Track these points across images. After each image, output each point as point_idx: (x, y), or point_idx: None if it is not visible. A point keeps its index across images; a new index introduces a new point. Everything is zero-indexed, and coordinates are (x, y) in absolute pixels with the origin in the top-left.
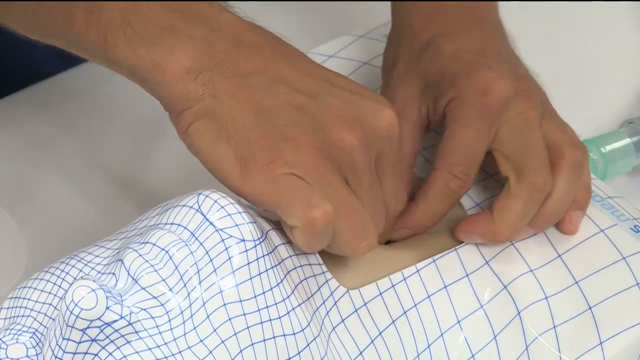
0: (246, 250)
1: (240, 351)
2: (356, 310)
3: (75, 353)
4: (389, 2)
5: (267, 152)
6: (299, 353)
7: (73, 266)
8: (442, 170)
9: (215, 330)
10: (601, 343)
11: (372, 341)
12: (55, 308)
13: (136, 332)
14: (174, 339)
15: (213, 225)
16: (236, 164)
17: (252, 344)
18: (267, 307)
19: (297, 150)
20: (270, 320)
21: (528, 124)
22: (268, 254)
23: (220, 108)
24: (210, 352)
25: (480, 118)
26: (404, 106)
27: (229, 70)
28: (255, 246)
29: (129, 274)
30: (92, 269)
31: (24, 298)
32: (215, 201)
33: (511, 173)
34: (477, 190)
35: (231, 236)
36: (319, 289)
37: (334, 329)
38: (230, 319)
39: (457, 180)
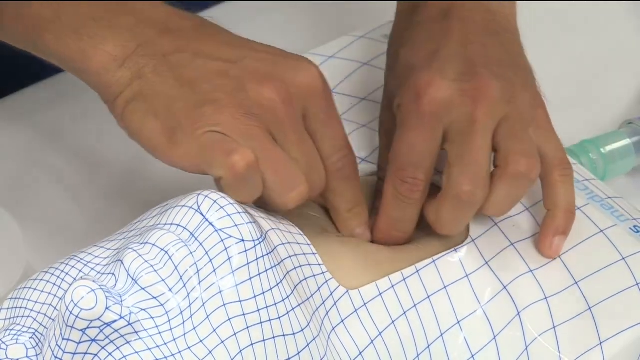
0: (246, 251)
1: (240, 351)
2: (356, 311)
3: (75, 353)
4: (388, 3)
5: (191, 117)
6: (298, 353)
7: (73, 267)
8: (390, 176)
9: (214, 330)
10: (601, 343)
11: (372, 341)
12: (55, 308)
13: (136, 332)
14: (174, 339)
15: (213, 226)
16: (164, 135)
17: (252, 344)
18: (266, 307)
19: (219, 110)
20: (270, 320)
21: (471, 127)
22: (267, 254)
23: (146, 86)
24: (210, 352)
25: (418, 122)
26: (389, 125)
27: (154, 52)
28: (255, 246)
29: (128, 274)
30: (92, 269)
31: (23, 299)
32: (215, 201)
33: (445, 178)
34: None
35: (231, 236)
36: (319, 289)
37: (333, 329)
38: (229, 319)
39: (405, 185)
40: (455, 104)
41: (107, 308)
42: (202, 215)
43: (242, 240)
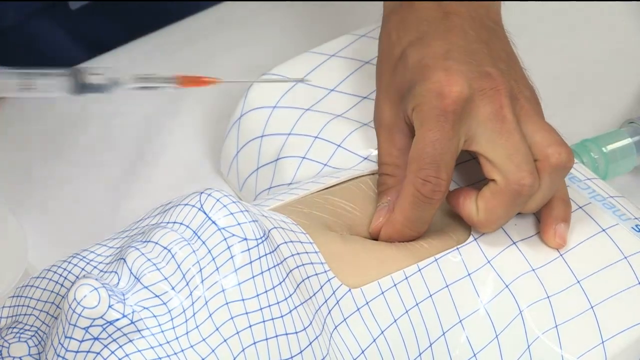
0: (248, 249)
1: (243, 350)
2: (358, 309)
3: (77, 351)
4: None
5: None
6: (301, 352)
7: (75, 265)
8: (411, 176)
9: (217, 329)
10: (603, 342)
11: (374, 340)
12: (57, 307)
13: (138, 330)
14: (176, 338)
15: (215, 224)
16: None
17: (254, 343)
18: (269, 305)
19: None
20: (273, 319)
21: (504, 125)
22: (270, 253)
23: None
24: (213, 350)
25: (441, 120)
26: (391, 119)
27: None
28: (258, 245)
29: (131, 272)
30: (95, 267)
31: (26, 297)
32: (218, 200)
33: (497, 176)
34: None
35: (233, 235)
36: (321, 287)
37: (335, 327)
38: (232, 318)
39: (428, 184)
40: (476, 103)
41: (109, 306)
42: (205, 213)
43: (245, 239)
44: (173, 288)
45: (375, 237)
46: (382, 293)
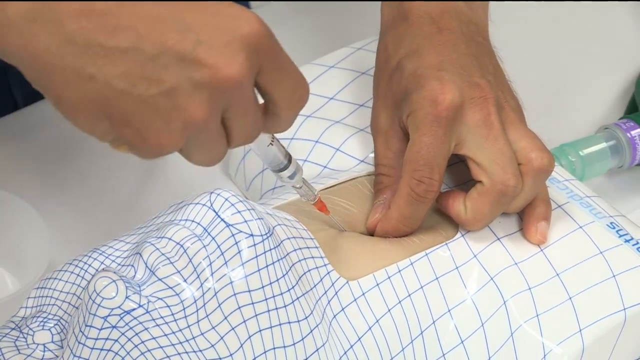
0: (254, 245)
1: (249, 337)
2: (355, 300)
3: (96, 339)
4: None
5: None
6: (302, 339)
7: (95, 259)
8: (406, 176)
9: (225, 317)
10: (581, 330)
11: (370, 328)
12: (78, 297)
13: (153, 319)
14: (188, 326)
15: (224, 222)
16: None
17: (260, 331)
18: (273, 296)
19: None
20: (277, 308)
21: (491, 131)
22: (274, 248)
23: None
24: (222, 337)
25: (434, 126)
26: (386, 124)
27: None
28: (263, 241)
29: (146, 266)
30: (113, 261)
31: (49, 288)
32: (226, 199)
33: (484, 178)
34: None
35: (241, 231)
36: (321, 280)
37: (334, 317)
38: (239, 308)
39: (422, 185)
40: (466, 111)
41: (126, 297)
42: (215, 212)
43: (252, 235)
44: (185, 280)
45: (371, 233)
46: (377, 285)
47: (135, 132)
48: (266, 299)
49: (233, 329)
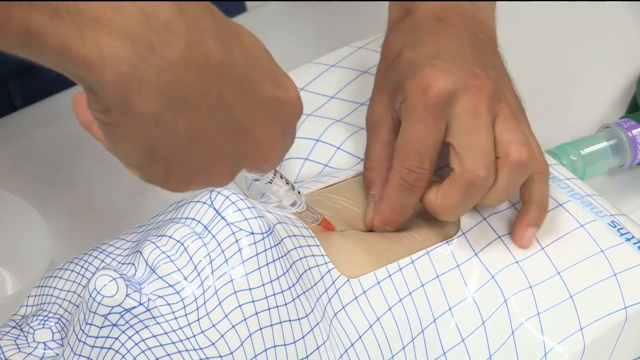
0: (255, 243)
1: (249, 335)
2: (356, 298)
3: (97, 337)
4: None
5: None
6: (303, 337)
7: (96, 257)
8: (397, 165)
9: (226, 315)
10: (581, 329)
11: (371, 326)
12: (79, 296)
13: (154, 317)
14: (189, 324)
15: (225, 220)
16: None
17: (260, 329)
18: (274, 294)
19: None
20: (277, 306)
21: (477, 120)
22: (275, 246)
23: None
24: (222, 336)
25: (424, 114)
26: (380, 115)
27: None
28: (264, 239)
29: (147, 264)
30: (113, 259)
31: (50, 287)
32: (227, 197)
33: (456, 166)
34: None
35: (241, 229)
36: (322, 278)
37: (335, 315)
38: (240, 306)
39: (412, 174)
40: (459, 98)
41: (127, 295)
42: (215, 210)
43: (252, 233)
44: (185, 278)
45: (370, 230)
46: (378, 283)
47: (164, 171)
48: (267, 297)
49: (233, 326)
